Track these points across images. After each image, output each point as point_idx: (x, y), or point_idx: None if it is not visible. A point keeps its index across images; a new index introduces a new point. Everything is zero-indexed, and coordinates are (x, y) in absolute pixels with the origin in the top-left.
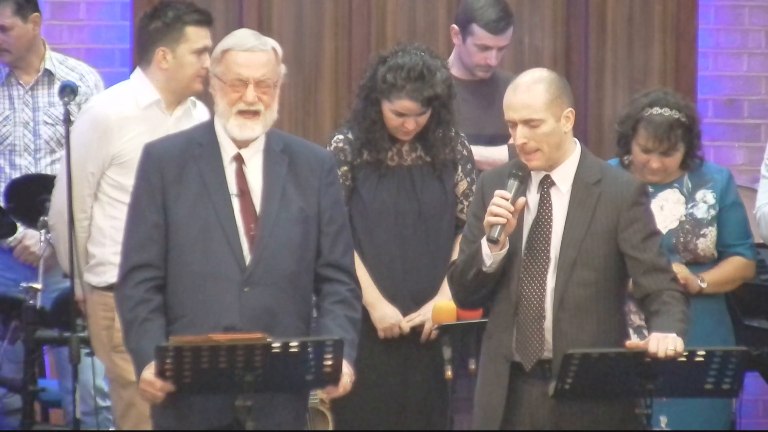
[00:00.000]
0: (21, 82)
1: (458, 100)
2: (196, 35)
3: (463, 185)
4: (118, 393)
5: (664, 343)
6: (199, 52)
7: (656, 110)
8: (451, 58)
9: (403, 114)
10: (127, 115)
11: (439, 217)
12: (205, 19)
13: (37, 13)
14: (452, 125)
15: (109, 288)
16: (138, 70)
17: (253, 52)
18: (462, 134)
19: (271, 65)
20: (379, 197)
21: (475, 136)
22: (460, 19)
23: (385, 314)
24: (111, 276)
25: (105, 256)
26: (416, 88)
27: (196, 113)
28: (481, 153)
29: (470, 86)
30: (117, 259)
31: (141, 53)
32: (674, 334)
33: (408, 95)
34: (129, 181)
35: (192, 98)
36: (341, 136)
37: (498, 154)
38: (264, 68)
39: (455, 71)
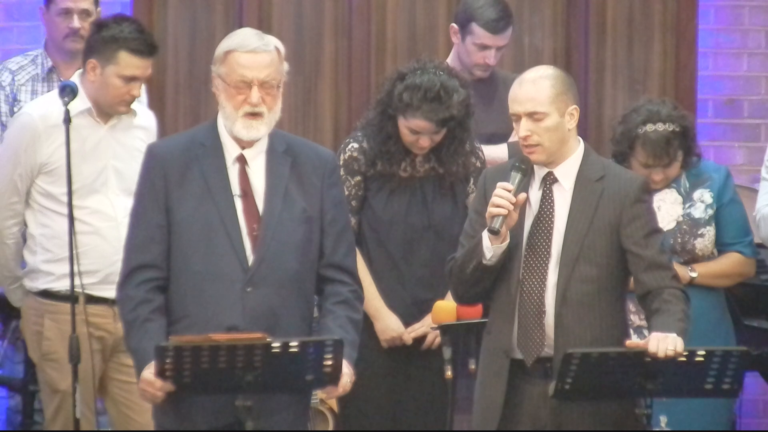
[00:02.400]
0: (62, 78)
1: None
2: (127, 62)
3: (473, 197)
4: (49, 398)
5: (664, 343)
6: (127, 79)
7: (650, 127)
8: (450, 57)
9: (417, 132)
10: (55, 122)
11: (449, 230)
12: (143, 50)
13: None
14: (467, 141)
15: (41, 294)
16: (77, 77)
17: (256, 53)
18: (477, 145)
19: (275, 65)
20: (389, 209)
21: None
22: (460, 18)
23: (388, 326)
24: (42, 282)
25: (36, 264)
26: (432, 109)
27: (138, 121)
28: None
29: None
30: (47, 267)
31: (82, 60)
32: (674, 334)
33: (423, 115)
34: (57, 189)
35: (132, 106)
36: (356, 145)
37: (497, 152)
38: (267, 69)
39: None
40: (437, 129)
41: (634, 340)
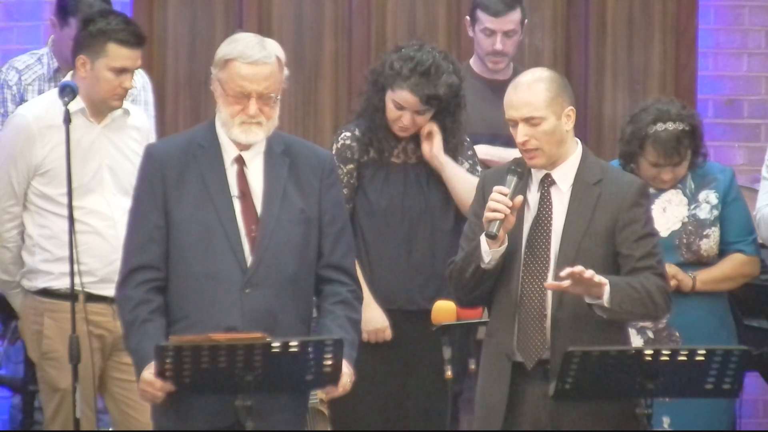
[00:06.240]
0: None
1: (476, 103)
2: (117, 54)
3: (465, 167)
4: (48, 397)
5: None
6: (118, 71)
7: (660, 126)
8: (473, 58)
9: (402, 107)
10: (49, 123)
11: (443, 213)
12: (131, 41)
13: None
14: (456, 134)
15: (40, 293)
16: (69, 78)
17: (257, 65)
18: (466, 138)
19: (275, 77)
20: (386, 195)
21: (493, 136)
22: (470, 8)
23: (372, 318)
24: (41, 282)
25: (34, 264)
26: (419, 83)
27: (131, 120)
28: (499, 154)
29: (491, 85)
30: (46, 267)
31: (71, 58)
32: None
33: (409, 87)
34: (53, 190)
35: (125, 107)
36: (348, 133)
37: (516, 155)
38: (267, 81)
39: (476, 68)
40: (421, 107)
41: (636, 341)
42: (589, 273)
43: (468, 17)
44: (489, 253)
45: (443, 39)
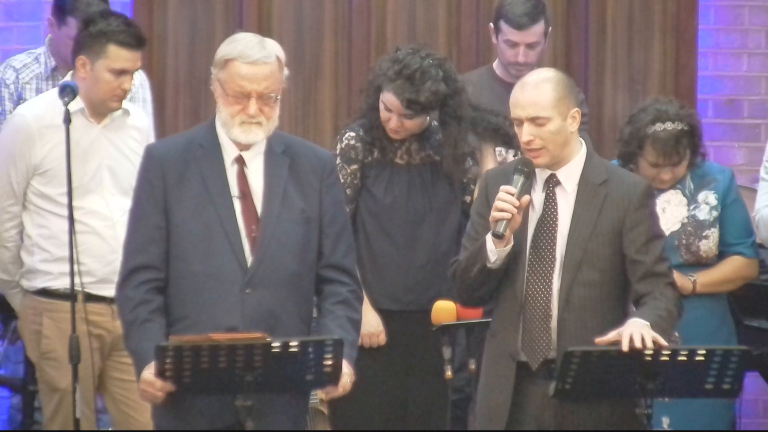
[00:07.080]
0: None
1: (497, 107)
2: (117, 55)
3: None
4: (48, 397)
5: (638, 336)
6: (118, 72)
7: (659, 126)
8: (496, 62)
9: (389, 109)
10: (49, 123)
11: (446, 214)
12: (131, 43)
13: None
14: (456, 138)
15: (39, 293)
16: (68, 78)
17: (256, 65)
18: (471, 156)
19: (275, 77)
20: (390, 193)
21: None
22: (494, 17)
23: (366, 321)
24: (40, 282)
25: (33, 264)
26: (401, 86)
27: (131, 121)
28: None
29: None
30: (44, 267)
31: (71, 58)
32: (647, 326)
33: (393, 90)
34: (52, 190)
35: (124, 107)
36: (353, 133)
37: None
38: (267, 81)
39: (499, 72)
40: (405, 111)
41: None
42: (650, 343)
43: (492, 24)
44: (495, 252)
45: (443, 39)
